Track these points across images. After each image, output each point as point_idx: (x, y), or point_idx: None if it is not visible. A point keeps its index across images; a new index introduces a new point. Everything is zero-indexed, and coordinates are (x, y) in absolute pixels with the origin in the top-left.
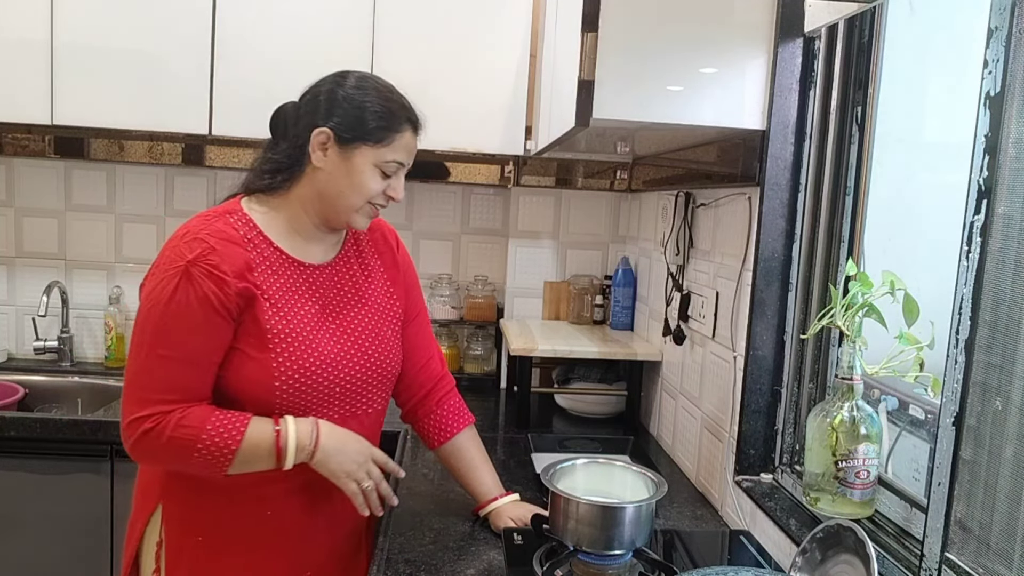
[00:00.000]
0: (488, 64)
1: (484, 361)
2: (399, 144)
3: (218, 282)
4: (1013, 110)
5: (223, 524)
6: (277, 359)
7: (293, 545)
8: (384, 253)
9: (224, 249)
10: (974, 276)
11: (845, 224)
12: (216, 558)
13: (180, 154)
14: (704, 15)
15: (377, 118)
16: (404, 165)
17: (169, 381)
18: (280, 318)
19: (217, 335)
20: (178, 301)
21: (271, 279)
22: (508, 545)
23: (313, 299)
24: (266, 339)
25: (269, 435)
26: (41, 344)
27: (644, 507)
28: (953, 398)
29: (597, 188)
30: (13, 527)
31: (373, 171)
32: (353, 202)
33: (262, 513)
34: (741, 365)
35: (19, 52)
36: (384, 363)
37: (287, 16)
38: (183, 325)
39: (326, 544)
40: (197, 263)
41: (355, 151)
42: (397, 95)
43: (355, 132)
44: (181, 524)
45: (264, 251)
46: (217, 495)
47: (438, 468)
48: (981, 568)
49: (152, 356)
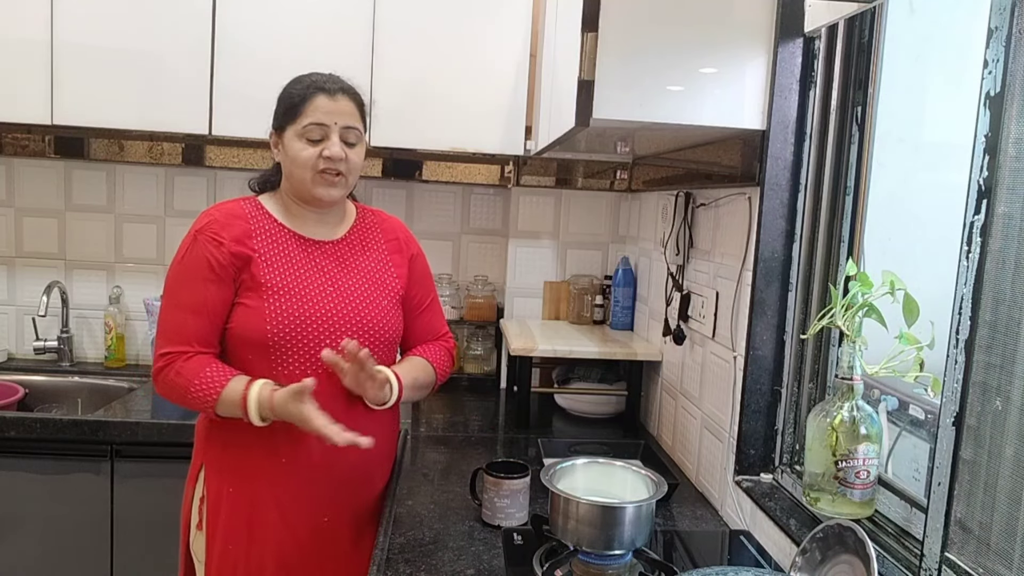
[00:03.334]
0: (488, 64)
1: (484, 361)
2: (309, 110)
3: (216, 246)
4: (1013, 110)
5: (249, 475)
6: (270, 308)
7: (312, 492)
8: (391, 241)
9: (227, 220)
10: (974, 276)
11: (845, 224)
12: (245, 506)
13: (180, 154)
14: (704, 15)
15: (288, 101)
16: (325, 125)
17: (180, 327)
18: (276, 274)
19: (217, 291)
20: (186, 262)
21: (269, 245)
22: (508, 545)
23: (311, 265)
24: (262, 291)
25: (239, 394)
26: (41, 344)
27: (644, 507)
28: (953, 398)
29: (597, 188)
30: (13, 527)
31: (300, 142)
32: (302, 175)
33: (278, 464)
34: (741, 365)
35: (19, 52)
36: (376, 326)
37: (287, 16)
38: (188, 280)
39: (345, 495)
40: (203, 231)
41: (285, 134)
42: (311, 75)
43: (280, 121)
44: (216, 478)
45: (265, 225)
46: (242, 451)
47: (438, 468)
48: (981, 568)
49: (169, 306)
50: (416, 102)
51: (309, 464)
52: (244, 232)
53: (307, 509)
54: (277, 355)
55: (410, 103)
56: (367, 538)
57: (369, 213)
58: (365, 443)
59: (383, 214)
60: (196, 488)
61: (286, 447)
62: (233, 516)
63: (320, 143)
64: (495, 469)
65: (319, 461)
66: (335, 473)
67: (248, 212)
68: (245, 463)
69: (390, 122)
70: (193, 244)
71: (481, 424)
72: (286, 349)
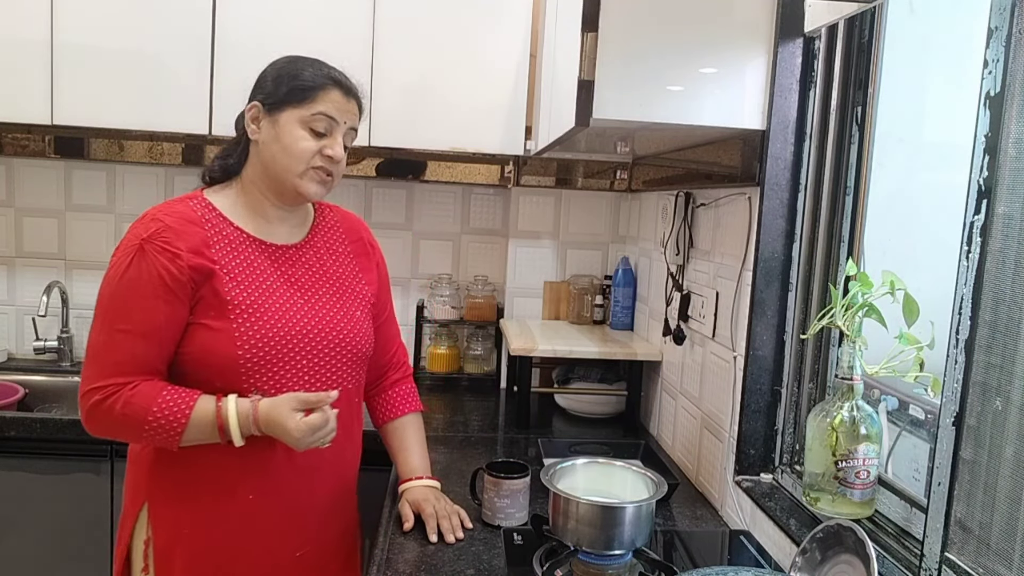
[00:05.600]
0: (488, 64)
1: (484, 361)
2: (322, 99)
3: (171, 257)
4: (1013, 110)
5: (210, 516)
6: (239, 328)
7: (284, 527)
8: (355, 242)
9: (180, 227)
10: (974, 276)
11: (845, 224)
12: (203, 553)
13: (180, 154)
14: (704, 15)
15: (297, 79)
16: (335, 120)
17: (122, 354)
18: (241, 290)
19: (170, 310)
20: (131, 276)
21: (230, 255)
22: (508, 545)
23: (278, 275)
24: (227, 309)
25: (212, 413)
26: (41, 344)
27: (644, 507)
28: (953, 398)
29: (597, 188)
30: (13, 527)
31: (301, 130)
32: (290, 165)
33: (245, 502)
34: (741, 365)
35: (19, 52)
36: (354, 341)
37: (287, 16)
38: (136, 299)
39: (321, 525)
40: (151, 240)
41: (281, 115)
42: (323, 64)
43: (278, 96)
44: (167, 522)
45: (223, 230)
46: (200, 491)
47: (438, 469)
48: (981, 568)
49: (106, 329)
50: (416, 102)
51: (279, 496)
52: (202, 241)
53: (278, 545)
54: (251, 381)
55: (410, 103)
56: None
57: (327, 210)
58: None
59: (341, 210)
60: (137, 528)
61: (252, 480)
62: (194, 564)
63: (323, 138)
64: (495, 469)
65: (291, 492)
66: (311, 504)
67: (201, 216)
68: (204, 502)
69: (390, 122)
70: (140, 256)
71: (481, 424)
72: (261, 374)
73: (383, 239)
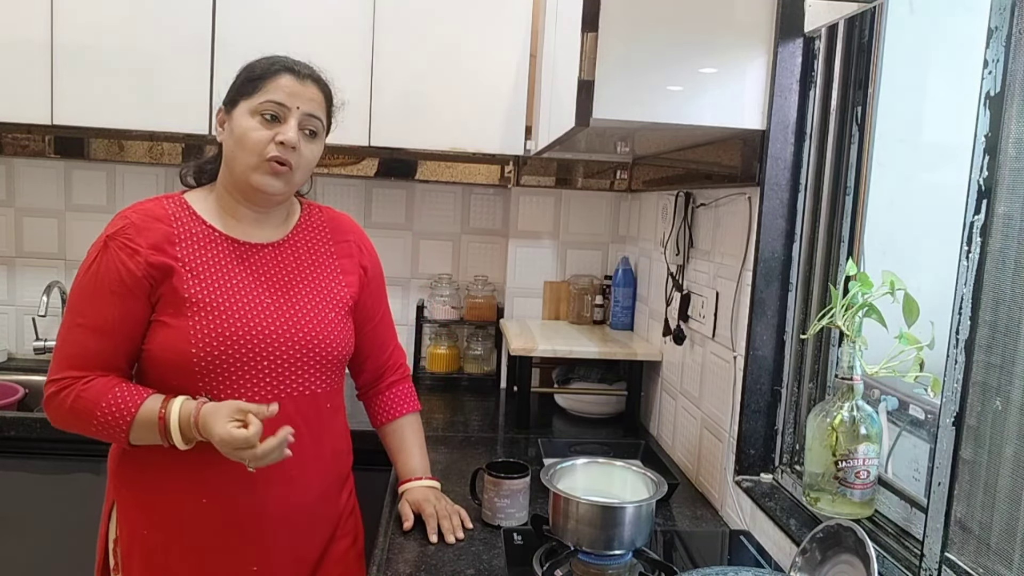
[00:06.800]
0: (488, 64)
1: (484, 361)
2: (271, 87)
3: (130, 254)
4: (1013, 110)
5: (165, 518)
6: (195, 326)
7: (237, 539)
8: (340, 243)
9: (144, 224)
10: (974, 276)
11: (845, 224)
12: (161, 552)
13: (180, 154)
14: (704, 15)
15: (247, 73)
16: (285, 106)
17: (80, 348)
18: (201, 287)
19: (124, 306)
20: (93, 273)
21: (195, 252)
22: (508, 545)
23: (247, 274)
24: (184, 307)
25: (156, 413)
26: (41, 344)
27: (644, 507)
28: (953, 398)
29: (597, 188)
30: (13, 527)
31: (252, 120)
32: (245, 159)
33: (199, 505)
34: (741, 365)
35: (19, 52)
36: (322, 345)
37: (287, 16)
38: (95, 295)
39: (279, 541)
40: (115, 237)
41: (235, 109)
42: (276, 56)
43: (233, 94)
44: (129, 522)
45: (191, 227)
46: (158, 489)
47: (438, 469)
48: (981, 568)
49: (67, 324)
50: (416, 102)
51: (234, 505)
52: (164, 237)
53: (232, 557)
54: (206, 381)
55: (410, 103)
56: None
57: (316, 210)
58: (283, 435)
59: (332, 211)
60: (110, 527)
61: (211, 483)
62: (149, 563)
63: (275, 125)
64: (495, 469)
65: (247, 502)
66: (268, 517)
67: (170, 213)
68: (160, 502)
69: (390, 122)
70: (103, 252)
71: (481, 424)
72: (217, 374)
73: (383, 239)
